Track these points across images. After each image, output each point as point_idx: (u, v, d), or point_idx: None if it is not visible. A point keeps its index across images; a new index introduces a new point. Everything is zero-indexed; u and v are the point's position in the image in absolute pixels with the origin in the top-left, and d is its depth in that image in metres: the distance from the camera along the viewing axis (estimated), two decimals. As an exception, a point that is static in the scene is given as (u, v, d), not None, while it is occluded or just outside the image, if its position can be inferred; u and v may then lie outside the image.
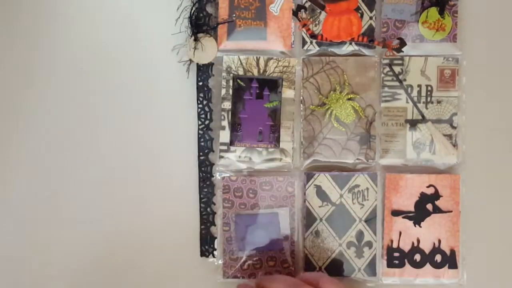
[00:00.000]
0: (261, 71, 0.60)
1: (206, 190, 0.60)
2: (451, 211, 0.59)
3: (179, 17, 0.60)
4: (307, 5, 0.60)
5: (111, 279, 0.60)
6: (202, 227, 0.60)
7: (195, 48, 0.59)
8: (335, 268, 0.59)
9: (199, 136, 0.61)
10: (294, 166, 0.60)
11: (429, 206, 0.59)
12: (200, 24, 0.60)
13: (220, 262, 0.60)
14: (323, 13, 0.60)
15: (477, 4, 0.59)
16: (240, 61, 0.60)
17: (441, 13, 0.59)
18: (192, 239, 0.60)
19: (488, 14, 0.60)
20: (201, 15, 0.60)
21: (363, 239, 0.59)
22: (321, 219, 0.60)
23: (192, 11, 0.59)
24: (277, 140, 0.60)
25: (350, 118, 0.60)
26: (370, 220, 0.59)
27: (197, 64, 0.60)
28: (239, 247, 0.59)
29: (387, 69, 0.60)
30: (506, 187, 0.60)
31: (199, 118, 0.60)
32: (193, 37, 0.59)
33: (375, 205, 0.59)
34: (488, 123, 0.60)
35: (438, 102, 0.59)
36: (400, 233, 0.59)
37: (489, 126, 0.60)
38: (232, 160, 0.60)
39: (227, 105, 0.60)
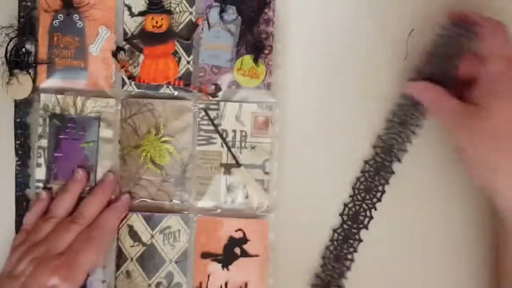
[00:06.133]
0: (78, 110, 0.61)
1: (21, 224, 0.60)
2: (258, 256, 0.60)
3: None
4: (126, 47, 0.61)
5: None
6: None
7: (8, 83, 0.59)
8: (145, 308, 0.60)
9: (16, 172, 0.61)
10: (109, 205, 0.60)
11: (237, 250, 0.60)
12: (18, 61, 0.60)
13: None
14: (142, 55, 0.60)
15: (290, 55, 0.61)
16: (57, 100, 0.60)
17: (255, 61, 0.60)
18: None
19: (302, 64, 0.61)
20: (20, 52, 0.60)
21: (172, 280, 0.60)
22: (132, 259, 0.60)
23: (9, 47, 0.60)
24: (94, 179, 0.60)
25: (165, 161, 0.60)
26: (181, 262, 0.60)
27: (15, 100, 0.60)
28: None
29: (203, 113, 0.61)
30: (312, 233, 0.61)
31: (16, 154, 0.61)
32: (8, 73, 0.59)
33: (186, 247, 0.60)
34: (299, 170, 0.61)
35: (252, 147, 0.61)
36: (209, 275, 0.60)
37: (300, 173, 0.61)
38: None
39: (44, 143, 0.60)
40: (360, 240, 0.61)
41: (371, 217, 0.61)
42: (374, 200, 0.61)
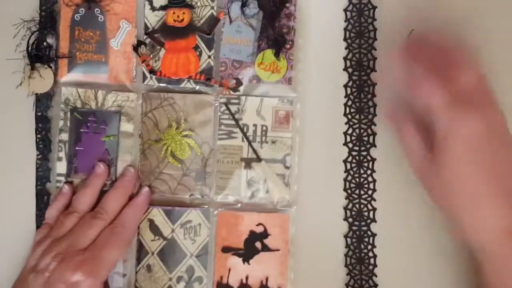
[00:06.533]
0: (99, 104, 0.61)
1: (42, 218, 0.61)
2: (279, 250, 0.60)
3: (19, 44, 0.60)
4: (147, 41, 0.61)
5: None
6: (35, 257, 0.61)
7: (30, 77, 0.59)
8: (165, 302, 0.60)
9: (37, 166, 0.61)
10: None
11: (258, 244, 0.60)
12: (39, 55, 0.60)
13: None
14: (163, 49, 0.60)
15: (312, 49, 0.61)
16: (78, 94, 0.60)
17: (277, 55, 0.60)
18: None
19: (323, 59, 0.61)
20: (42, 46, 0.60)
21: (193, 274, 0.60)
22: (153, 253, 0.60)
23: (30, 40, 0.60)
24: (115, 173, 0.60)
25: (186, 155, 0.60)
26: (202, 256, 0.60)
27: (36, 94, 0.60)
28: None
29: (224, 107, 0.61)
30: (332, 227, 0.61)
31: (37, 148, 0.61)
32: (29, 66, 0.59)
33: (207, 241, 0.60)
34: (320, 164, 0.61)
35: (273, 142, 0.61)
36: (230, 269, 0.60)
37: (320, 168, 0.61)
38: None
39: (65, 136, 0.60)
40: (374, 235, 0.60)
41: (374, 209, 0.60)
42: (369, 192, 0.61)
